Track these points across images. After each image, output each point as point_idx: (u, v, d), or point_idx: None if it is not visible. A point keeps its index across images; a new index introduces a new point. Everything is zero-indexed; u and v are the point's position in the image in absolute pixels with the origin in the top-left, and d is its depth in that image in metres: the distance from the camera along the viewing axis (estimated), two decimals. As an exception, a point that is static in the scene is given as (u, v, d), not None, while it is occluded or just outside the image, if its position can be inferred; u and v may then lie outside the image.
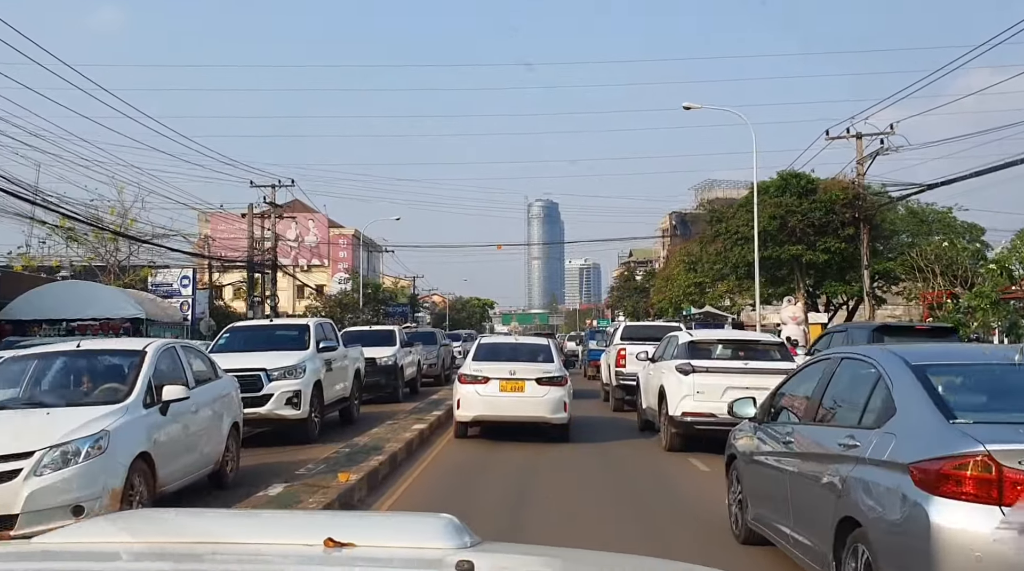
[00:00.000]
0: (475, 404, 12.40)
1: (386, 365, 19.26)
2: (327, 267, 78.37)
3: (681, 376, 11.56)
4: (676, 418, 11.46)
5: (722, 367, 11.74)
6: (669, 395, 11.72)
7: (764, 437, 6.58)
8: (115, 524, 2.19)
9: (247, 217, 44.81)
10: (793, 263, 34.21)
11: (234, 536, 2.00)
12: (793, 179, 33.96)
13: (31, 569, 1.85)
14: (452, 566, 1.64)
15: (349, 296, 56.42)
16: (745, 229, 33.61)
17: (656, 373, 12.80)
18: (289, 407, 12.02)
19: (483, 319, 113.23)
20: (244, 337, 13.49)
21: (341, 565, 1.83)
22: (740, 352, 12.30)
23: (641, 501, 9.00)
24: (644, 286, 64.21)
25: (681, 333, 13.60)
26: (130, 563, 1.89)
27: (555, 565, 2.15)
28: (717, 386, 11.16)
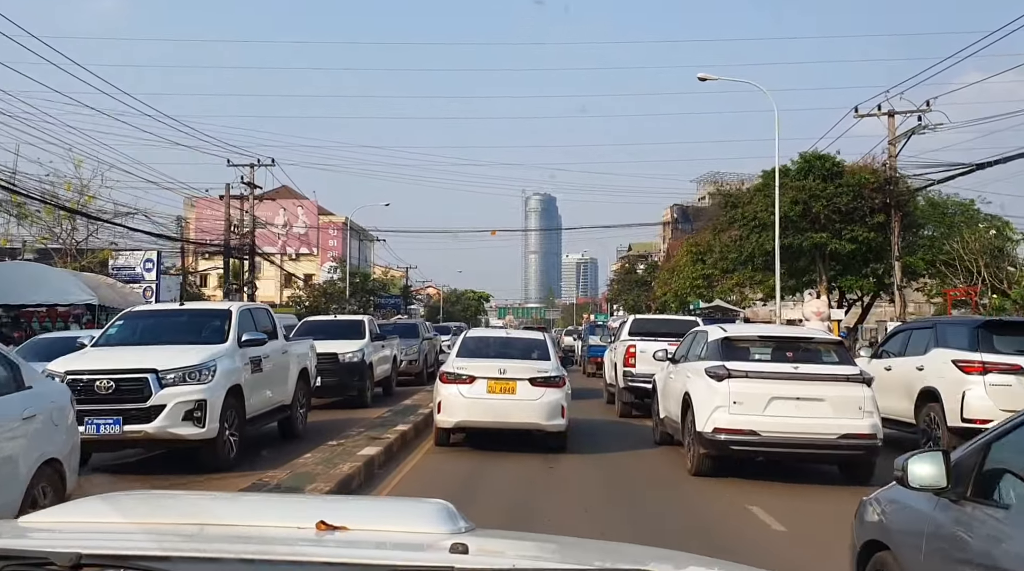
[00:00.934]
0: (458, 408, 10.59)
1: (351, 362, 15.90)
2: (316, 256, 75.09)
3: (713, 382, 9.14)
4: (706, 435, 9.05)
5: (766, 371, 9.20)
6: (697, 405, 9.31)
7: (968, 525, 3.36)
8: (106, 504, 2.14)
9: (224, 199, 41.54)
10: (815, 253, 30.85)
11: (225, 518, 2.02)
12: (817, 161, 30.54)
13: (20, 546, 1.76)
14: (446, 549, 1.66)
15: (335, 285, 52.86)
16: (764, 214, 30.21)
17: (679, 377, 10.46)
18: (189, 423, 8.62)
19: (478, 312, 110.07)
20: (142, 326, 10.07)
21: (333, 547, 1.78)
22: (788, 352, 9.66)
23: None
24: (645, 279, 60.78)
25: (712, 328, 10.98)
26: (118, 542, 1.76)
27: (549, 550, 2.11)
28: (759, 396, 8.89)
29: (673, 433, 10.80)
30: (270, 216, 75.23)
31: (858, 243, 29.68)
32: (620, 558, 2.02)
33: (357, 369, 15.92)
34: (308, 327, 17.34)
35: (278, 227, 73.56)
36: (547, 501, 8.39)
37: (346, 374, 15.76)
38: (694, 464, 9.44)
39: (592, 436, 12.84)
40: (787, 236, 28.61)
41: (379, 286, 64.09)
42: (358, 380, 15.94)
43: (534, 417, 10.52)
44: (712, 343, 9.81)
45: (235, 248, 41.94)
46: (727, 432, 8.92)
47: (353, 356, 15.91)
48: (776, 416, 8.76)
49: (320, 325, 17.71)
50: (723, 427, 8.93)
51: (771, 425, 8.74)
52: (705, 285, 41.75)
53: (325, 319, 18.92)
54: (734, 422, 8.89)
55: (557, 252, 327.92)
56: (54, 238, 32.59)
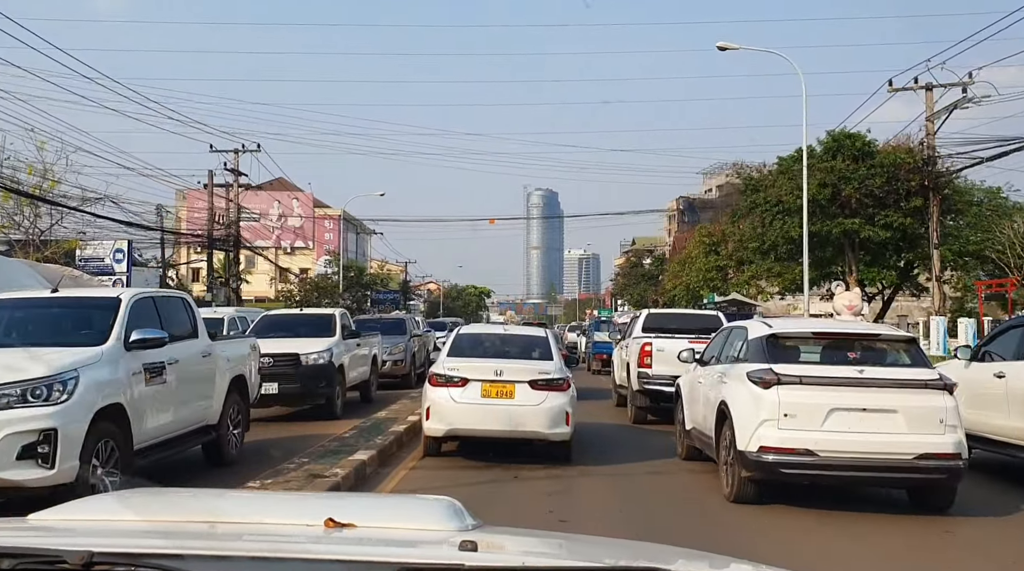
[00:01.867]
0: (449, 414, 9.33)
1: (316, 365, 13.03)
2: (312, 250, 72.30)
3: (758, 390, 7.50)
4: (749, 455, 7.45)
5: (824, 376, 7.49)
6: (737, 418, 7.69)
7: None
8: (117, 501, 2.15)
9: (208, 187, 38.77)
10: (843, 241, 27.96)
11: (235, 515, 2.03)
12: (846, 140, 27.66)
13: (33, 544, 1.75)
14: (455, 546, 1.65)
15: (328, 279, 49.97)
16: (789, 198, 27.31)
17: (711, 382, 8.79)
18: (28, 464, 5.76)
19: (479, 308, 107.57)
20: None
21: (342, 544, 1.76)
22: (849, 353, 8.01)
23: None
24: (653, 273, 57.85)
25: (752, 323, 9.17)
26: (129, 539, 1.77)
27: (558, 547, 2.12)
28: (816, 407, 7.31)
29: (703, 448, 9.09)
30: (264, 209, 72.86)
31: (892, 229, 26.81)
32: (632, 555, 2.01)
33: (324, 373, 13.05)
34: (267, 323, 14.46)
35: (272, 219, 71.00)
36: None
37: (310, 379, 12.90)
38: (733, 489, 7.75)
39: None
40: (814, 222, 25.75)
41: (375, 280, 61.10)
42: (325, 386, 13.06)
43: (534, 425, 9.23)
44: (754, 342, 8.08)
45: (219, 240, 39.19)
46: (776, 451, 7.27)
47: (319, 357, 13.05)
48: (837, 432, 7.19)
49: (282, 320, 14.82)
50: (771, 445, 7.29)
51: (831, 443, 7.16)
52: (719, 278, 38.91)
53: (288, 313, 15.98)
54: (785, 439, 7.26)
55: (559, 247, 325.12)
56: (14, 227, 29.73)
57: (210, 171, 38.54)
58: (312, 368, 12.93)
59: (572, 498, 8.13)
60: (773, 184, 28.47)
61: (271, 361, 12.65)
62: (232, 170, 38.41)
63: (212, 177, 38.64)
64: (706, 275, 38.81)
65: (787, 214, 27.63)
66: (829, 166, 27.06)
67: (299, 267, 63.83)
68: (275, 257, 70.67)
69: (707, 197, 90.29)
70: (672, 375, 12.01)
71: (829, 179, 26.71)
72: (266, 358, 12.49)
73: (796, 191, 26.99)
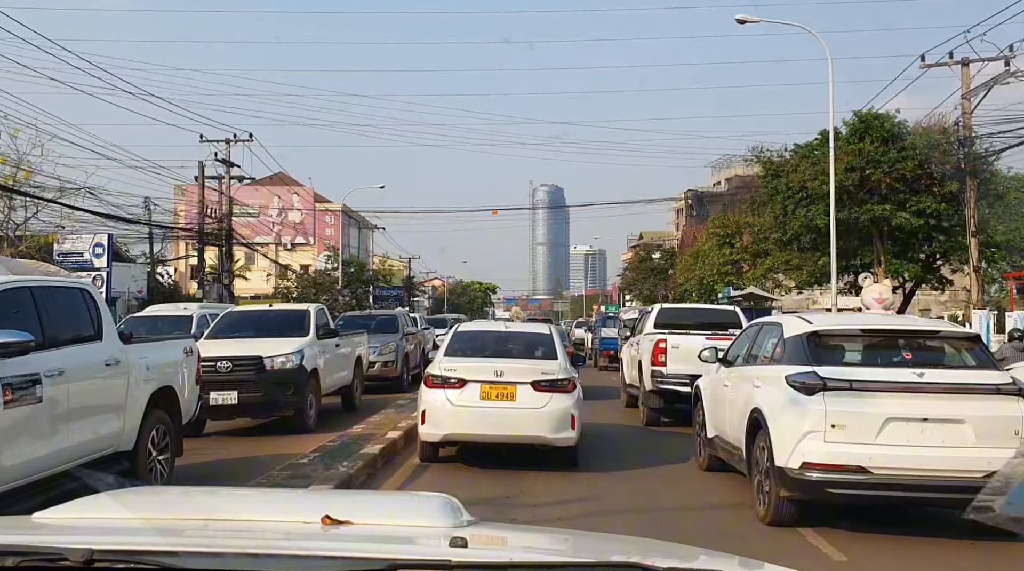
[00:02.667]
0: (446, 418, 8.80)
1: (283, 370, 11.08)
2: (313, 245, 70.40)
3: (800, 396, 6.57)
4: (790, 472, 6.51)
5: (878, 381, 6.55)
6: (774, 429, 6.76)
7: None
8: (115, 500, 2.14)
9: (199, 179, 36.95)
10: (871, 229, 25.88)
11: (231, 512, 2.02)
12: (874, 121, 25.55)
13: (34, 542, 1.74)
14: (446, 542, 1.65)
15: (326, 275, 48.02)
16: (814, 184, 25.22)
17: (739, 386, 7.96)
18: None
19: (485, 304, 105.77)
20: None
21: (334, 541, 1.76)
22: (904, 353, 7.11)
23: None
24: (663, 267, 55.75)
25: (787, 319, 8.20)
26: (128, 537, 1.79)
27: (549, 542, 2.11)
28: (870, 416, 6.35)
29: (728, 460, 8.21)
30: (264, 204, 71.08)
31: (925, 216, 24.71)
32: (619, 550, 2.00)
33: (292, 378, 11.08)
34: (231, 321, 12.47)
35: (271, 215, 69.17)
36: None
37: (275, 386, 10.96)
38: (769, 509, 6.87)
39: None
40: (841, 209, 23.70)
41: (377, 276, 59.18)
42: (293, 394, 11.09)
43: (537, 429, 8.71)
44: (792, 340, 7.17)
45: (211, 234, 37.32)
46: (822, 468, 6.42)
47: (286, 360, 11.10)
48: (894, 445, 6.33)
49: (248, 318, 12.85)
50: (816, 461, 6.43)
51: (887, 459, 6.29)
52: (733, 271, 36.81)
53: (256, 310, 13.91)
54: (833, 454, 6.42)
55: (565, 244, 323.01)
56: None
57: (200, 162, 36.71)
58: (278, 373, 10.98)
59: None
60: (795, 169, 26.37)
61: (229, 366, 10.76)
62: (223, 161, 36.52)
63: (203, 169, 36.81)
64: (720, 269, 36.69)
65: (811, 201, 25.55)
66: (856, 149, 24.98)
67: (300, 264, 61.94)
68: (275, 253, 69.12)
69: (716, 190, 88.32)
70: (688, 374, 11.45)
71: (856, 163, 24.63)
72: (224, 362, 10.62)
73: (821, 176, 24.91)
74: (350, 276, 52.87)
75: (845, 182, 24.08)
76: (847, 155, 24.46)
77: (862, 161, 24.66)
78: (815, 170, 25.68)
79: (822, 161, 24.98)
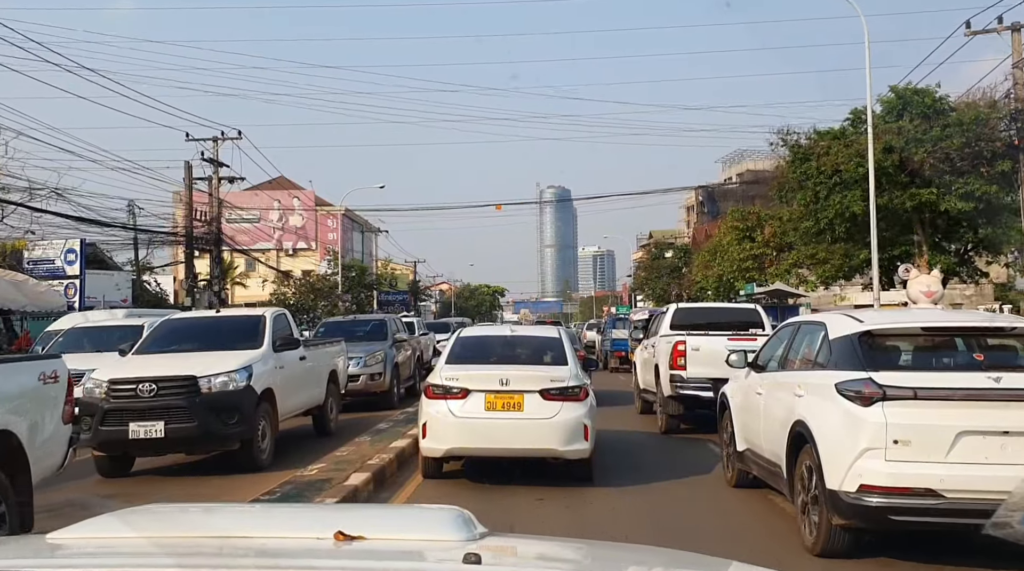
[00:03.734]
0: (448, 431, 8.04)
1: (223, 392, 8.65)
2: (315, 251, 68.16)
3: (854, 407, 5.57)
4: (845, 495, 5.49)
5: (949, 388, 5.47)
6: (824, 445, 5.73)
7: None
8: (121, 521, 2.06)
9: (186, 180, 34.75)
10: (912, 215, 23.35)
11: (242, 530, 1.96)
12: (914, 97, 23.03)
13: (40, 565, 1.77)
14: (460, 558, 1.61)
15: (325, 280, 45.68)
16: (849, 167, 22.72)
17: (776, 394, 6.93)
18: None
19: (493, 307, 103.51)
20: None
21: (351, 558, 1.75)
22: (975, 355, 6.03)
23: None
24: (676, 265, 53.19)
25: (832, 317, 6.94)
26: (137, 559, 1.77)
27: (564, 555, 2.07)
28: (939, 430, 5.37)
29: (764, 478, 7.37)
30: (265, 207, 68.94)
31: (974, 200, 22.14)
32: (638, 561, 2.01)
33: (236, 403, 8.64)
34: (167, 331, 9.97)
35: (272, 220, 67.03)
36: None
37: (213, 413, 8.52)
38: (819, 539, 5.87)
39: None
40: (879, 194, 21.20)
41: (380, 280, 56.83)
42: (238, 423, 8.64)
43: (547, 441, 8.07)
44: (840, 342, 6.19)
45: (200, 239, 35.07)
46: (884, 492, 5.43)
47: (228, 380, 8.68)
48: (968, 464, 5.29)
49: (188, 327, 10.35)
50: (877, 484, 5.45)
51: (960, 480, 5.27)
52: (755, 267, 34.29)
53: (199, 317, 11.29)
54: (897, 476, 5.41)
55: (573, 245, 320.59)
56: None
57: (187, 162, 34.44)
58: (218, 397, 8.57)
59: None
60: (827, 152, 23.83)
61: (153, 388, 8.40)
62: (211, 160, 34.23)
63: (190, 169, 34.54)
64: (741, 264, 34.18)
65: (845, 186, 23.03)
66: (895, 127, 22.47)
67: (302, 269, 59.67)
68: (277, 259, 66.94)
69: (727, 186, 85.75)
70: (709, 378, 11.08)
71: (896, 142, 22.12)
72: (146, 385, 8.25)
73: (857, 158, 22.42)
74: (351, 280, 50.57)
75: (884, 164, 21.59)
76: (885, 134, 21.97)
77: (902, 141, 22.15)
78: (849, 152, 23.20)
79: (858, 142, 22.50)
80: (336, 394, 12.00)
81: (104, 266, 34.42)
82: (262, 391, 9.05)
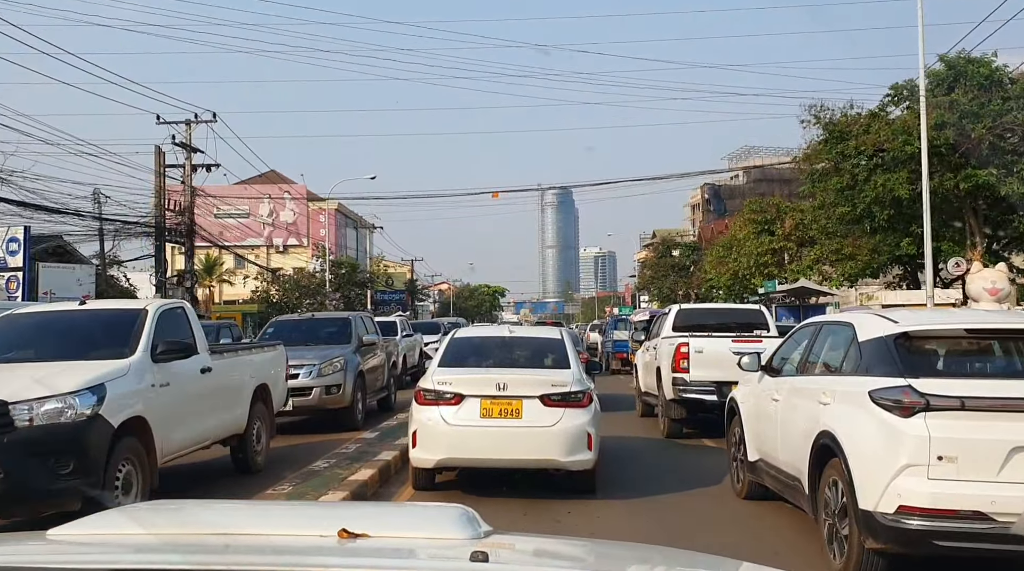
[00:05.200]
0: (440, 440, 7.53)
1: (48, 426, 5.61)
2: (307, 247, 65.21)
3: (892, 419, 5.03)
4: (882, 517, 4.97)
5: (1000, 398, 4.95)
6: (856, 461, 5.22)
7: None
8: (127, 516, 2.08)
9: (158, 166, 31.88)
10: (964, 202, 20.36)
11: (247, 527, 1.93)
12: (968, 67, 20.04)
13: (44, 561, 1.74)
14: (466, 556, 1.61)
15: (312, 277, 42.67)
16: (895, 145, 19.72)
17: (795, 401, 6.42)
18: None
19: (493, 307, 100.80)
20: None
21: (355, 556, 1.73)
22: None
23: None
24: (684, 263, 50.16)
25: (861, 316, 6.19)
26: (142, 555, 1.75)
27: (570, 553, 2.07)
28: (991, 445, 4.85)
29: (780, 491, 6.67)
30: (254, 204, 66.03)
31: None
32: (644, 559, 1.99)
33: (69, 444, 5.62)
34: (3, 333, 6.95)
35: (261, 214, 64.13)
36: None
37: (30, 460, 5.48)
38: (851, 564, 5.21)
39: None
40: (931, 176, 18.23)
41: (373, 278, 53.84)
42: (73, 474, 5.61)
43: (548, 451, 7.46)
44: (872, 344, 5.52)
45: (171, 230, 32.14)
46: (926, 514, 4.84)
47: (61, 410, 5.65)
48: (1022, 483, 4.74)
49: (32, 326, 7.21)
50: (919, 505, 4.86)
51: (1014, 502, 4.67)
52: (774, 262, 31.27)
53: (51, 311, 7.81)
54: (941, 496, 4.83)
55: (574, 246, 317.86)
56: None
57: (157, 147, 31.55)
58: (42, 433, 5.54)
59: None
60: (866, 130, 20.80)
61: (-67, 422, 5.29)
62: (183, 145, 31.25)
63: (161, 154, 31.63)
64: (758, 259, 31.13)
65: (888, 168, 20.01)
66: (947, 101, 19.47)
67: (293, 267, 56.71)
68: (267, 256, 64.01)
69: (734, 183, 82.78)
70: (714, 381, 10.99)
71: (949, 118, 19.13)
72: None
73: (904, 134, 19.42)
74: (341, 278, 47.60)
75: (935, 142, 18.58)
76: (936, 109, 18.98)
77: (955, 115, 19.18)
78: (893, 129, 20.19)
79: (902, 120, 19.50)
80: (267, 416, 8.98)
81: (71, 259, 31.60)
82: (124, 421, 6.03)
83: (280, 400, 9.58)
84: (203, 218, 41.21)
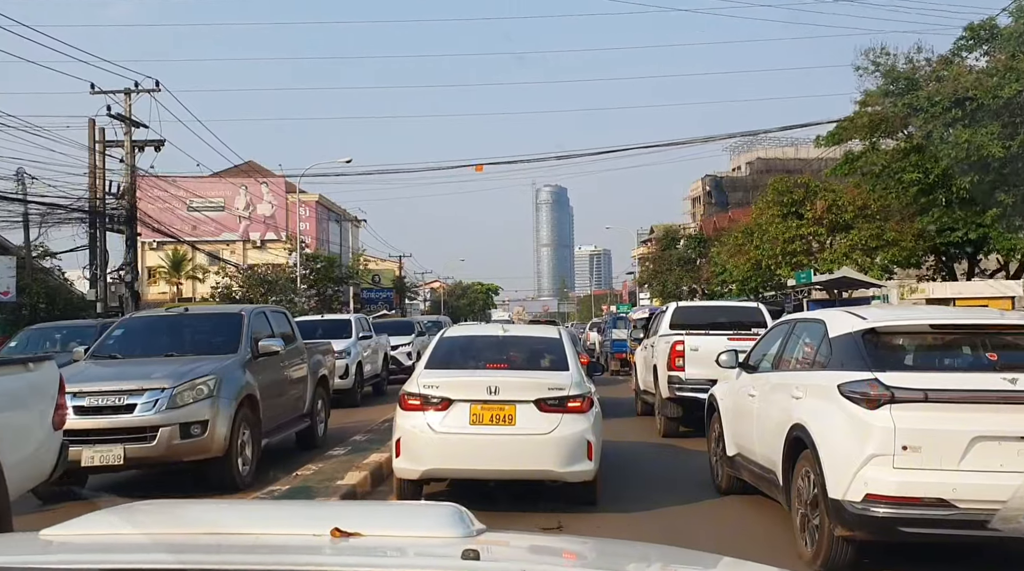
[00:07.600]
0: (426, 449, 7.16)
1: None
2: (286, 242, 60.84)
3: (859, 411, 5.37)
4: (849, 505, 5.30)
5: (962, 390, 5.30)
6: (826, 452, 5.58)
7: None
8: (119, 517, 2.05)
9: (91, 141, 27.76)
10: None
11: (240, 527, 1.94)
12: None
13: (36, 562, 1.73)
14: (457, 554, 1.62)
15: (281, 271, 38.23)
16: (981, 92, 15.39)
17: (770, 396, 6.83)
18: None
19: (487, 306, 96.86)
20: None
21: (348, 554, 1.73)
22: (989, 354, 5.81)
23: None
24: (690, 257, 45.80)
25: (830, 313, 6.71)
26: (134, 555, 1.73)
27: (559, 553, 2.04)
28: (953, 436, 5.16)
29: (756, 484, 7.10)
30: (230, 197, 61.70)
31: None
32: (638, 556, 1.97)
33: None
34: None
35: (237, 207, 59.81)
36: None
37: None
38: (821, 551, 5.63)
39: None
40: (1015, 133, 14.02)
41: (352, 274, 49.39)
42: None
43: (544, 461, 7.11)
44: (841, 340, 5.92)
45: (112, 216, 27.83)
46: (892, 502, 5.18)
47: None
48: (983, 472, 5.06)
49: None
50: (884, 493, 5.20)
51: (975, 489, 5.03)
52: (802, 250, 26.90)
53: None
54: (906, 484, 5.16)
55: (569, 244, 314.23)
56: None
57: (91, 120, 27.29)
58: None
59: None
60: (937, 77, 16.43)
61: None
62: (120, 117, 26.87)
63: (94, 128, 27.40)
64: (785, 247, 26.72)
65: (974, 120, 15.66)
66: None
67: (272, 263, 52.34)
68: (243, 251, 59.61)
69: (736, 175, 78.57)
70: (709, 379, 10.36)
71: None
72: None
73: (1000, 77, 15.08)
74: (317, 273, 43.20)
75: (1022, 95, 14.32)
76: None
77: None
78: (973, 79, 15.85)
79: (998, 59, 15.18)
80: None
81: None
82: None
83: (51, 461, 5.14)
84: (176, 211, 36.63)
